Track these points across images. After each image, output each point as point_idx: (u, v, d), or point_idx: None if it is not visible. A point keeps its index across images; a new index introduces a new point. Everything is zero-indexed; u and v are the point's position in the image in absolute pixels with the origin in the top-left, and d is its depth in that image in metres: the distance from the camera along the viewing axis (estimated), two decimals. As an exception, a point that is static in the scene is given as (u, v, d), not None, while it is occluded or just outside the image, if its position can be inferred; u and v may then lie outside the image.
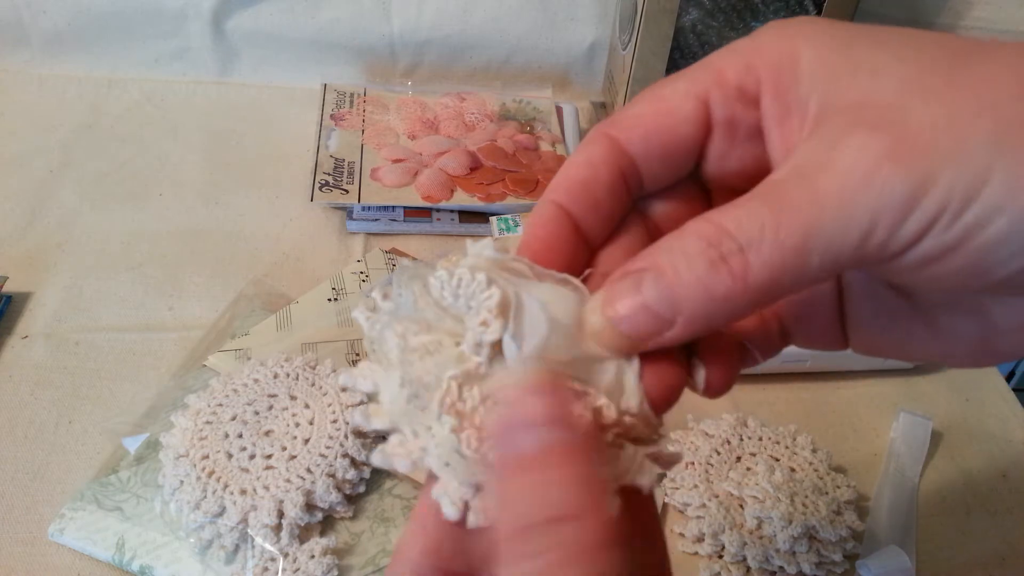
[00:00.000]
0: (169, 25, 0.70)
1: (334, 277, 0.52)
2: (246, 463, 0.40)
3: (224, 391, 0.43)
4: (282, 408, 0.42)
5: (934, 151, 0.19)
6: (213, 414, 0.42)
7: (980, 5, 0.67)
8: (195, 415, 0.42)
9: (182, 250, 0.56)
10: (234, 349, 0.47)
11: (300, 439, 0.41)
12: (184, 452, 0.40)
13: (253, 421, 0.41)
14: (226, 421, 0.41)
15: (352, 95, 0.69)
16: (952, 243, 0.19)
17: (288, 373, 0.44)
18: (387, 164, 0.62)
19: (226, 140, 0.67)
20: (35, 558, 0.39)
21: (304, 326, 0.48)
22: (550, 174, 0.62)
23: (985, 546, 0.43)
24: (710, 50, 0.62)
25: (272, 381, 0.43)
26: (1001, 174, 0.18)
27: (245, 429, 0.41)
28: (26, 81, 0.71)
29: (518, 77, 0.75)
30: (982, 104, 0.19)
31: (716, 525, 0.41)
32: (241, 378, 0.43)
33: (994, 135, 0.18)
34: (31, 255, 0.55)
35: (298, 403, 0.42)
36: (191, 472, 0.39)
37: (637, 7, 0.61)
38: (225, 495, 0.38)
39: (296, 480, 0.39)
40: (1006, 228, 0.19)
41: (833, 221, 0.19)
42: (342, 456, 0.40)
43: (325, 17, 0.71)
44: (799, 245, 0.19)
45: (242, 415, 0.42)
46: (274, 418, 0.42)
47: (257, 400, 0.42)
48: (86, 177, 0.62)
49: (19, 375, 0.47)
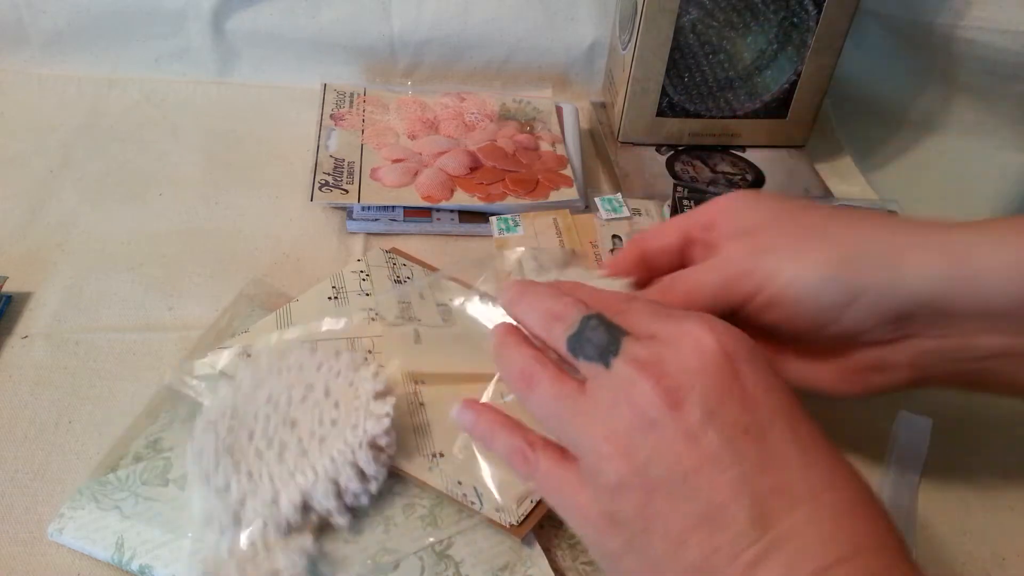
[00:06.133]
0: (169, 25, 0.71)
1: (335, 276, 0.52)
2: (263, 447, 0.40)
3: (269, 369, 0.43)
4: (315, 401, 0.42)
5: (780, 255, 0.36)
6: (253, 388, 0.42)
7: (980, 5, 0.67)
8: (236, 388, 0.42)
9: (182, 250, 0.56)
10: (233, 347, 0.46)
11: (318, 437, 0.40)
12: (214, 420, 0.40)
13: (285, 407, 0.41)
14: (261, 401, 0.41)
15: (352, 95, 0.69)
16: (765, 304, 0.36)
17: (331, 367, 0.43)
18: (387, 164, 0.62)
19: (226, 140, 0.67)
20: (34, 558, 0.39)
21: (303, 325, 0.48)
22: (550, 174, 0.62)
23: (985, 546, 0.43)
24: (710, 50, 0.63)
25: (315, 371, 0.43)
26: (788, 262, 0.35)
27: (275, 412, 0.41)
28: (26, 81, 0.71)
29: (518, 77, 0.75)
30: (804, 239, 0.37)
31: None
32: (287, 360, 0.43)
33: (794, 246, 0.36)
34: (31, 255, 0.55)
35: (330, 400, 0.42)
36: (213, 442, 0.39)
37: (637, 7, 0.61)
38: (233, 473, 0.39)
39: (300, 478, 0.39)
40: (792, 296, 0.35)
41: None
42: (351, 465, 0.40)
43: (325, 17, 0.71)
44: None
45: (276, 397, 0.41)
46: (304, 409, 0.41)
47: (295, 386, 0.42)
48: (86, 177, 0.62)
49: (19, 375, 0.47)
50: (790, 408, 0.29)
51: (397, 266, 0.54)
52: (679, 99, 0.66)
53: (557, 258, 0.48)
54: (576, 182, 0.62)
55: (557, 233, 0.56)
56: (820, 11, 0.62)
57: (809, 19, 0.62)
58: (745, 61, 0.65)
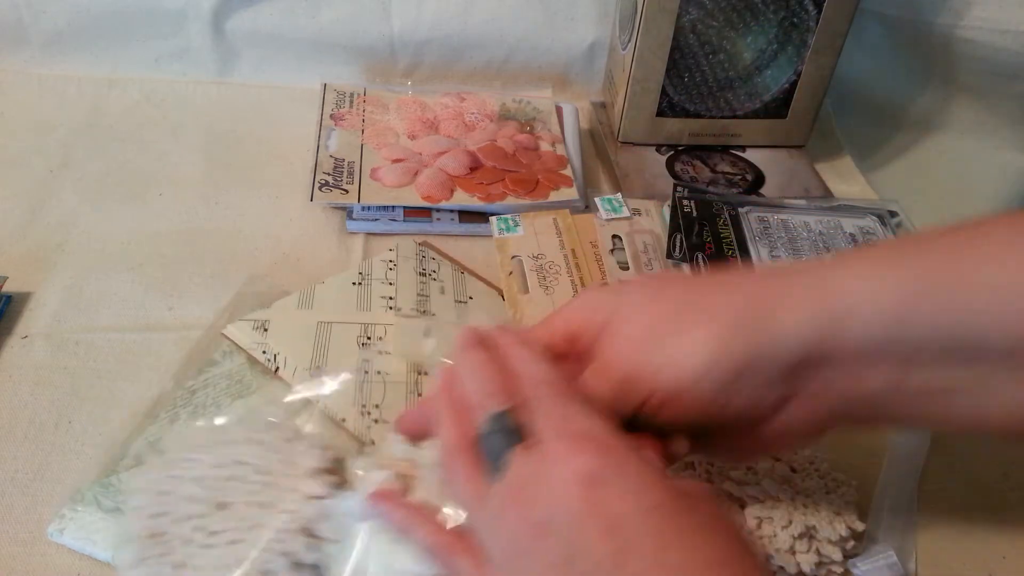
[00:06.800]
0: (169, 25, 0.70)
1: (363, 263, 0.54)
2: (190, 533, 0.36)
3: (202, 443, 0.39)
4: (247, 480, 0.38)
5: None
6: (182, 465, 0.38)
7: (980, 5, 0.67)
8: (164, 465, 0.39)
9: (182, 250, 0.56)
10: (252, 320, 0.48)
11: (249, 523, 0.36)
12: (140, 505, 0.37)
13: (215, 487, 0.37)
14: (190, 480, 0.38)
15: (352, 95, 0.69)
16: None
17: (266, 441, 0.39)
18: (387, 164, 0.62)
19: (226, 140, 0.67)
20: (35, 558, 0.39)
21: (324, 306, 0.50)
22: (550, 174, 0.62)
23: (985, 546, 0.43)
24: (710, 50, 0.63)
25: (248, 445, 0.39)
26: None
27: (204, 493, 0.37)
28: (26, 81, 0.71)
29: (518, 77, 0.75)
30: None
31: None
32: (221, 434, 0.40)
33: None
34: (31, 255, 0.55)
35: (263, 479, 0.38)
36: (139, 526, 0.37)
37: (637, 7, 0.61)
38: (158, 564, 0.35)
39: (224, 571, 0.35)
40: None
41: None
42: (283, 555, 0.35)
43: (325, 17, 0.71)
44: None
45: (206, 476, 0.38)
46: (235, 489, 0.37)
47: (225, 464, 0.38)
48: (86, 177, 0.62)
49: (19, 375, 0.47)
50: (659, 530, 0.28)
51: (426, 259, 0.54)
52: (679, 99, 0.66)
53: None
54: (576, 182, 0.62)
55: (557, 233, 0.56)
56: (820, 11, 0.62)
57: (809, 19, 0.62)
58: (745, 61, 0.65)
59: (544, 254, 0.54)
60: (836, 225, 0.56)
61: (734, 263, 0.53)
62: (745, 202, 0.58)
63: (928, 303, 0.30)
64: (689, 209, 0.57)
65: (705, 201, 0.58)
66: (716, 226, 0.55)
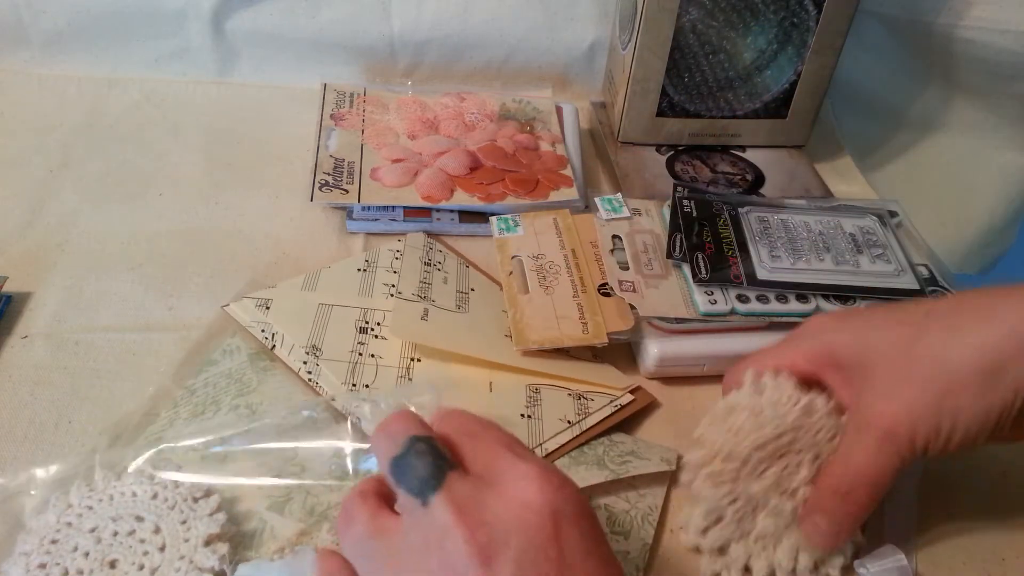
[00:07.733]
0: (169, 25, 0.70)
1: (371, 251, 0.55)
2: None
3: (102, 493, 0.38)
4: (140, 539, 0.36)
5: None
6: (80, 516, 0.37)
7: (980, 5, 0.67)
8: (60, 513, 0.37)
9: (182, 250, 0.56)
10: (255, 298, 0.49)
11: (147, 571, 0.35)
12: (27, 551, 0.36)
13: (107, 543, 0.36)
14: (85, 531, 0.37)
15: (352, 95, 0.69)
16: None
17: (166, 499, 0.38)
18: (387, 164, 0.62)
19: (226, 140, 0.67)
20: (35, 558, 0.39)
21: (327, 289, 0.51)
22: (550, 174, 0.62)
23: (985, 546, 0.43)
24: (710, 50, 0.63)
25: (149, 500, 0.38)
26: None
27: (96, 548, 0.36)
28: (26, 81, 0.71)
29: (518, 77, 0.75)
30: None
31: (725, 537, 0.40)
32: (122, 485, 0.39)
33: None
34: (31, 255, 0.55)
35: (157, 540, 0.36)
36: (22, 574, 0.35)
37: (637, 7, 0.61)
38: None
39: None
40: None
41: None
42: None
43: (325, 17, 0.71)
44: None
45: (101, 530, 0.37)
46: (126, 548, 0.36)
47: (123, 518, 0.37)
48: (86, 177, 0.62)
49: (19, 375, 0.47)
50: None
51: (433, 250, 0.55)
52: (679, 99, 0.66)
53: None
54: (576, 182, 0.62)
55: (557, 233, 0.56)
56: (820, 11, 0.62)
57: (809, 19, 0.62)
58: (745, 61, 0.65)
59: (544, 254, 0.54)
60: (836, 225, 0.56)
61: (734, 261, 0.53)
62: (745, 202, 0.58)
63: None
64: (689, 209, 0.57)
65: (705, 201, 0.58)
66: (716, 226, 0.55)
